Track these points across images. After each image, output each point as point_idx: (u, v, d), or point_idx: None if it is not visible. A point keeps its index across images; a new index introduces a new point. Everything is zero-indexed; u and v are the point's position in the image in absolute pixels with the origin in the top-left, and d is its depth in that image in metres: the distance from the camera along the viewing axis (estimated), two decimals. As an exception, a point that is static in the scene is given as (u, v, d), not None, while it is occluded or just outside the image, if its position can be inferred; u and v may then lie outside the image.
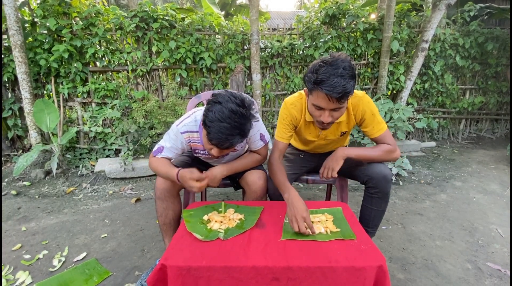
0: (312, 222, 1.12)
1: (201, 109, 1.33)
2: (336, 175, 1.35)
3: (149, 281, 0.93)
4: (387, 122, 3.13)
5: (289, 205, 1.13)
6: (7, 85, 3.07)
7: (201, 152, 1.38)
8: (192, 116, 1.32)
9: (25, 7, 3.29)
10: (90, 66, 3.11)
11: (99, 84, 3.09)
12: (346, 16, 3.43)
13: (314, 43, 3.47)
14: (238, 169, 1.39)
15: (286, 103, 1.41)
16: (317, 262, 0.89)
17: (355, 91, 1.33)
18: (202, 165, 1.56)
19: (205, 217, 1.16)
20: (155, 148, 1.33)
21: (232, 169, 1.35)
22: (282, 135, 1.43)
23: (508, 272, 1.48)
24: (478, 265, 1.55)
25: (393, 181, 2.69)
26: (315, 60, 1.18)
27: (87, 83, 3.09)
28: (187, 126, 1.30)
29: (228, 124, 1.05)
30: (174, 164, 1.33)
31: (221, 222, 1.12)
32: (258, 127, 1.37)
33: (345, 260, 0.90)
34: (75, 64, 2.96)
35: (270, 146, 1.51)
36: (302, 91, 1.41)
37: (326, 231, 1.06)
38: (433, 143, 3.91)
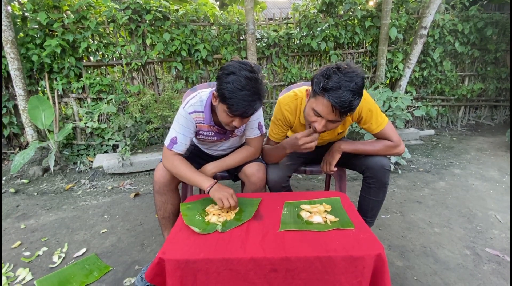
0: (310, 212, 1.12)
1: (205, 90, 1.33)
2: (335, 169, 1.38)
3: (147, 274, 0.93)
4: (385, 111, 3.10)
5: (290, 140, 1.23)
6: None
7: (205, 133, 1.36)
8: (197, 97, 1.29)
9: (14, 1, 3.21)
10: (84, 61, 3.06)
11: (94, 79, 3.04)
12: (344, 3, 3.36)
13: (311, 32, 3.41)
14: (229, 166, 1.38)
15: (280, 103, 1.39)
16: (316, 252, 0.89)
17: None
18: (199, 158, 1.55)
19: (208, 208, 1.17)
20: (167, 141, 1.28)
21: (222, 166, 1.36)
22: (274, 134, 1.44)
23: (507, 257, 1.49)
24: (477, 251, 1.55)
25: (392, 170, 2.69)
26: (329, 64, 1.13)
27: (82, 79, 3.05)
28: (193, 106, 1.27)
29: (248, 91, 1.06)
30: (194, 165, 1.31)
31: (219, 214, 1.11)
32: (258, 116, 1.36)
33: (343, 250, 0.89)
34: (68, 59, 2.91)
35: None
36: (297, 91, 1.38)
37: (325, 221, 1.06)
38: (432, 131, 3.90)
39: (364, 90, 1.30)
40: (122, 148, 2.79)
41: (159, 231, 1.79)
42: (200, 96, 1.29)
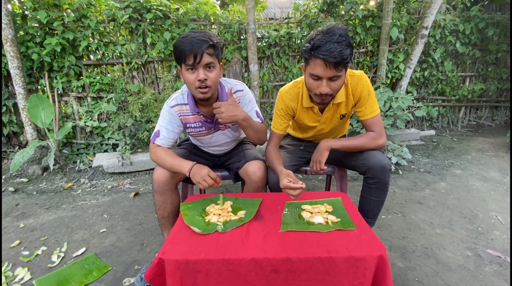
0: (311, 212, 1.11)
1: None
2: (325, 167, 1.37)
3: (147, 275, 0.92)
4: (386, 111, 3.10)
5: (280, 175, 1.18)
6: None
7: (192, 125, 1.38)
8: (179, 91, 1.36)
9: (14, 0, 3.20)
10: (84, 59, 3.05)
11: (94, 78, 3.03)
12: (345, 3, 3.35)
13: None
14: (248, 123, 1.32)
15: (280, 93, 1.42)
16: (317, 253, 0.88)
17: (353, 71, 1.34)
18: (199, 157, 1.54)
19: (209, 208, 1.16)
20: (152, 135, 1.35)
21: (247, 117, 1.30)
22: (278, 126, 1.45)
23: (508, 259, 1.48)
24: (478, 252, 1.55)
25: (393, 170, 2.69)
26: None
27: (82, 77, 3.04)
28: (175, 99, 1.33)
29: (192, 34, 1.13)
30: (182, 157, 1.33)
31: (219, 215, 1.11)
32: (253, 106, 1.40)
33: (345, 250, 0.89)
34: (68, 58, 2.90)
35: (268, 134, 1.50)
36: (297, 79, 1.42)
37: (326, 222, 1.05)
38: (432, 132, 3.89)
39: (365, 75, 1.33)
40: (122, 147, 2.78)
41: (159, 230, 1.78)
42: (181, 89, 1.35)
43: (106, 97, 3.08)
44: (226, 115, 1.22)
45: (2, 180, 2.66)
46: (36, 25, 2.84)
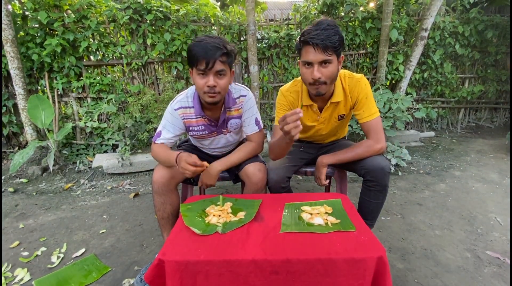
0: (311, 214, 1.11)
1: (193, 87, 1.37)
2: (327, 182, 1.45)
3: (146, 276, 0.92)
4: (386, 112, 3.10)
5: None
6: None
7: (195, 128, 1.39)
8: (184, 93, 1.36)
9: (15, 0, 3.21)
10: (84, 60, 3.06)
11: (94, 79, 3.04)
12: (344, 5, 3.36)
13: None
14: (234, 163, 1.40)
15: (281, 91, 1.45)
16: (317, 254, 0.88)
17: (354, 73, 1.37)
18: (201, 159, 1.54)
19: (209, 209, 1.15)
20: (154, 135, 1.37)
21: (227, 163, 1.38)
22: None
23: (507, 260, 1.48)
24: (477, 254, 1.55)
25: (392, 171, 2.69)
26: None
27: (82, 78, 3.04)
28: (180, 102, 1.34)
29: (207, 40, 1.15)
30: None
31: (219, 216, 1.11)
32: (253, 112, 1.41)
33: (345, 252, 0.89)
34: (68, 59, 2.90)
35: (268, 138, 1.51)
36: (296, 78, 1.45)
37: (326, 223, 1.05)
38: (432, 133, 3.90)
39: (365, 78, 1.36)
40: (121, 148, 2.79)
41: (158, 231, 1.78)
42: (186, 92, 1.36)
43: (106, 98, 3.08)
44: (207, 180, 1.33)
45: (2, 181, 2.65)
46: (37, 25, 2.85)
